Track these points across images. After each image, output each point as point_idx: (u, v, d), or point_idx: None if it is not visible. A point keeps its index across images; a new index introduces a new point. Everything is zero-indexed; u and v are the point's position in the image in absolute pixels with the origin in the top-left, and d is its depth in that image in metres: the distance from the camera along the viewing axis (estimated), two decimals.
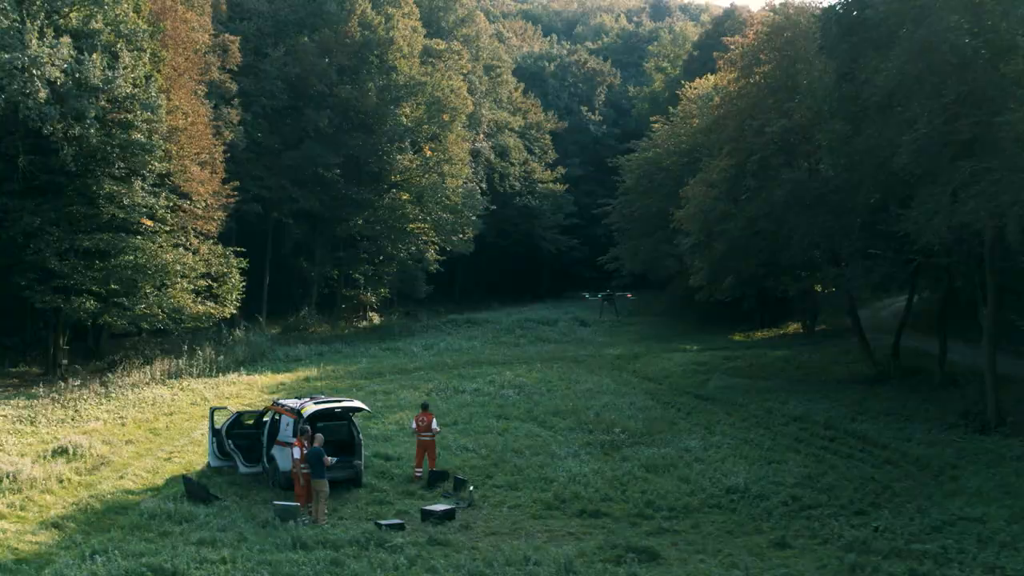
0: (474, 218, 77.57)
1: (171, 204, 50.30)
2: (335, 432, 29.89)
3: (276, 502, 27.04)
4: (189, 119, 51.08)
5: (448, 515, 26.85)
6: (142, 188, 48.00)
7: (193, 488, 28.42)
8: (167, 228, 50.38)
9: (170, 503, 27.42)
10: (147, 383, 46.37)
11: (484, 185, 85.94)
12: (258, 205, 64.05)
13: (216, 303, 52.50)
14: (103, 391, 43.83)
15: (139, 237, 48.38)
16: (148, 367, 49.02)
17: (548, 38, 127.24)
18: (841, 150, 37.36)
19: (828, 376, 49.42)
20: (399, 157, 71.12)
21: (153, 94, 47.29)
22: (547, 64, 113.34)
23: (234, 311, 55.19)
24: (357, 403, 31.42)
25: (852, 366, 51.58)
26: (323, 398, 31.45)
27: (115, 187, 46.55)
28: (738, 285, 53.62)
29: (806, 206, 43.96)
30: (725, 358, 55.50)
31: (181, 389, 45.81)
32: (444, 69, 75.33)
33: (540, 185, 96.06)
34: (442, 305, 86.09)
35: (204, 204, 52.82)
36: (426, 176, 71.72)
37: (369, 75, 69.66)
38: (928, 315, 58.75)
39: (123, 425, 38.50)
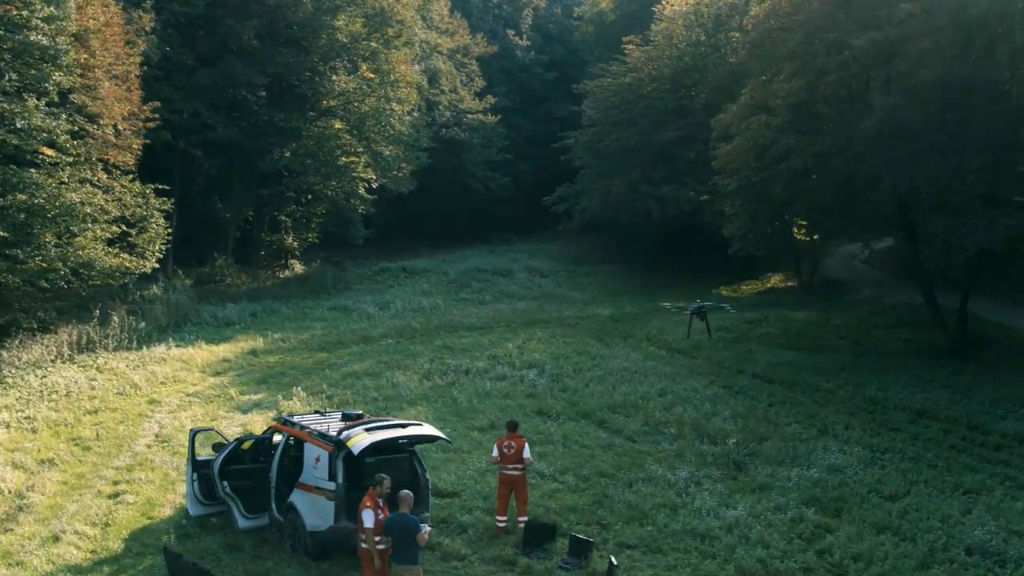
0: (420, 152, 66.90)
1: (76, 128, 38.85)
2: (391, 470, 19.56)
3: None
4: (103, 19, 39.49)
5: None
6: (37, 107, 36.66)
7: (182, 570, 18.09)
8: (70, 159, 38.95)
9: None
10: (52, 361, 35.44)
11: (416, 114, 74.97)
12: (168, 133, 52.12)
13: (133, 255, 41.33)
14: None
15: (34, 170, 37.00)
16: (48, 336, 37.82)
17: None
18: None
19: (890, 348, 42.10)
20: (334, 78, 59.92)
21: None
22: None
23: (156, 265, 43.95)
24: (428, 428, 21.13)
25: (900, 331, 44.05)
26: (371, 419, 21.04)
27: (5, 105, 35.11)
28: (771, 236, 44.74)
29: (902, 140, 35.00)
30: (748, 322, 46.74)
31: (98, 370, 35.08)
32: None
33: (469, 116, 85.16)
34: (359, 250, 75.09)
35: (115, 129, 41.35)
36: (366, 101, 60.53)
37: None
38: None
39: (34, 432, 27.93)
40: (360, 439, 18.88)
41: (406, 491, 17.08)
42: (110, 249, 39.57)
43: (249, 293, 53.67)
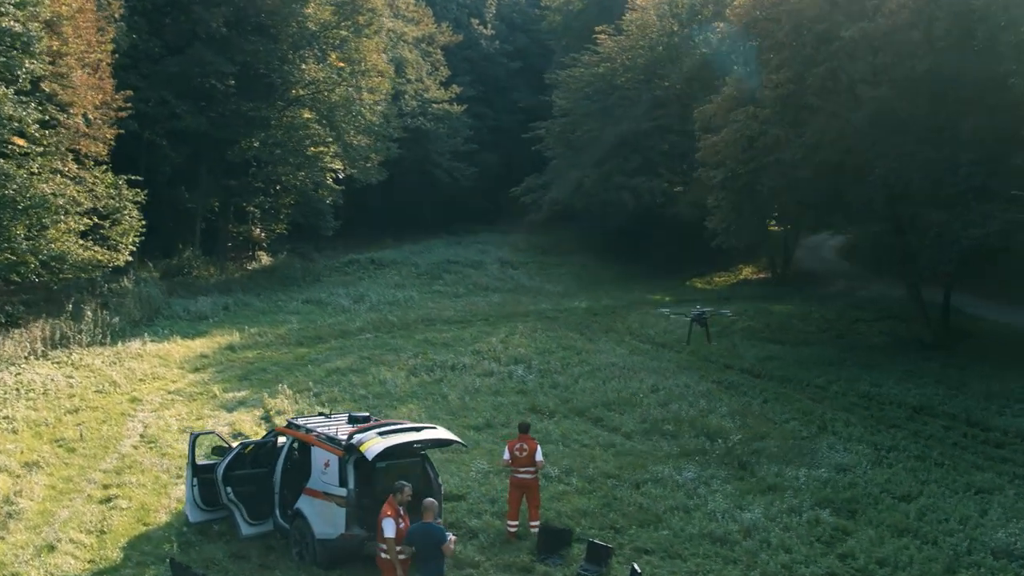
0: (391, 143, 66.16)
1: (47, 118, 37.69)
2: (403, 475, 18.80)
3: None
4: (75, 5, 38.35)
5: None
6: (7, 96, 35.47)
7: None
8: (40, 149, 37.75)
9: None
10: (26, 357, 34.22)
11: (383, 105, 73.88)
12: (135, 123, 50.83)
13: (105, 248, 40.22)
14: None
15: (3, 160, 35.83)
16: (19, 331, 36.53)
17: None
18: None
19: (874, 341, 42.02)
20: (304, 67, 58.84)
21: None
22: None
23: (129, 258, 42.84)
24: (443, 432, 20.45)
25: (881, 324, 43.96)
26: (383, 422, 20.34)
27: None
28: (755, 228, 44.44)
29: (893, 132, 34.67)
30: (728, 316, 46.25)
31: (74, 366, 33.97)
32: None
33: (434, 105, 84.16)
34: (325, 242, 73.94)
35: (86, 119, 40.21)
36: (337, 90, 59.47)
37: None
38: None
39: (14, 432, 26.90)
40: (374, 444, 18.18)
41: (431, 499, 16.39)
42: (83, 242, 38.49)
43: (218, 285, 52.54)
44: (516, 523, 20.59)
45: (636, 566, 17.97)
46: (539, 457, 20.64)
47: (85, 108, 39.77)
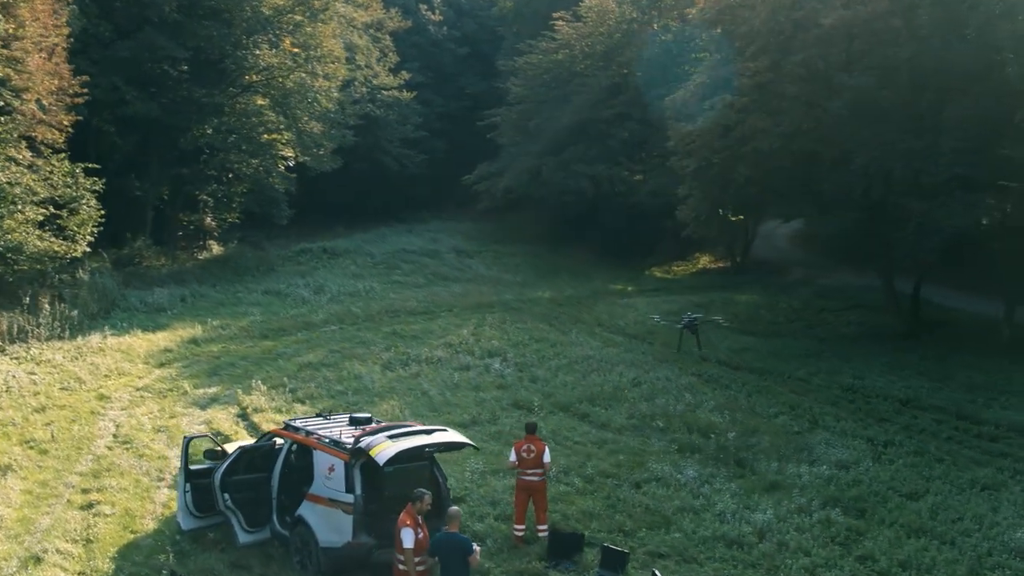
0: (347, 130, 65.04)
1: (1, 104, 36.35)
2: (411, 479, 18.06)
3: None
4: None
5: None
6: None
7: None
8: None
9: None
10: None
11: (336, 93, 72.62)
12: (85, 109, 49.28)
13: (62, 238, 38.88)
14: None
15: None
16: None
17: None
18: None
19: (845, 332, 42.08)
20: (258, 52, 57.48)
21: None
22: None
23: (88, 249, 41.45)
24: (454, 434, 19.61)
25: (849, 314, 43.94)
26: (389, 424, 19.51)
27: None
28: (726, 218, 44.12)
29: (873, 121, 34.38)
30: (695, 305, 45.81)
31: (35, 362, 32.63)
32: None
33: (384, 92, 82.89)
34: (277, 231, 72.50)
35: (41, 105, 38.80)
36: (291, 76, 58.16)
37: None
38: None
39: None
40: (384, 448, 17.36)
41: (455, 508, 15.75)
42: (40, 232, 37.13)
43: (172, 276, 51.12)
44: (523, 527, 19.92)
45: (657, 572, 17.37)
46: (547, 459, 20.02)
47: (40, 94, 38.36)
